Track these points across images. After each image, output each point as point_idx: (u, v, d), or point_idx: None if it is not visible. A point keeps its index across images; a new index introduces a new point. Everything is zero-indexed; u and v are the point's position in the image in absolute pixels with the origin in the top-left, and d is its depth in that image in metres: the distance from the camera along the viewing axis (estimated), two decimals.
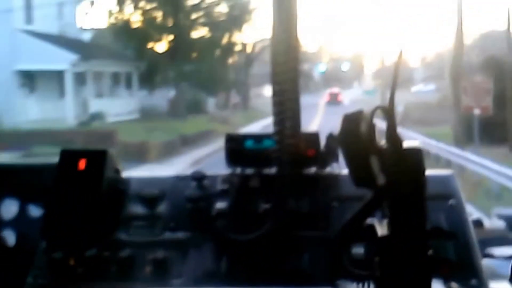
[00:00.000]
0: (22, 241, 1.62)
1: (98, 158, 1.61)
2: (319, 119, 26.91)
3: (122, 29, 30.99)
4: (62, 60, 24.82)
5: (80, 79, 27.01)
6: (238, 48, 37.35)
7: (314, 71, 51.14)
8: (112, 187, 1.62)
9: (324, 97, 46.62)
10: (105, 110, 26.74)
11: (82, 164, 1.60)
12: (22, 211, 1.65)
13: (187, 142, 22.27)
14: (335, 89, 48.44)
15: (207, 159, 18.55)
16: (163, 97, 32.11)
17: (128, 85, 32.00)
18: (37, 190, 1.64)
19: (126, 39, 31.12)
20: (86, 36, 33.06)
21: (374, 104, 1.23)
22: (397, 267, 1.20)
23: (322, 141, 1.63)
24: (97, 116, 26.02)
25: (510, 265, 1.49)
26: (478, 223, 1.65)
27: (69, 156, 1.62)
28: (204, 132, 24.50)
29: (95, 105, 27.04)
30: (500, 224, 1.82)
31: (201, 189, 1.63)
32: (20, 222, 1.64)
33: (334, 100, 45.18)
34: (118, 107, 28.34)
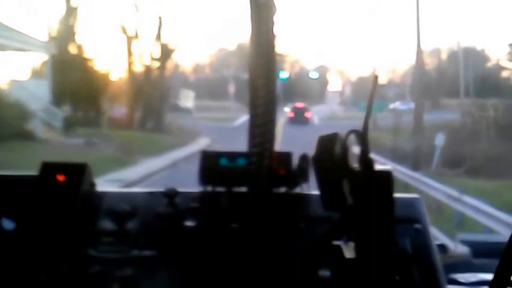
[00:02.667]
0: None
1: (77, 172, 1.62)
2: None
3: None
4: None
5: None
6: None
7: None
8: (87, 202, 1.62)
9: (286, 113, 34.32)
10: None
11: (61, 177, 1.61)
12: None
13: None
14: (300, 103, 36.22)
15: None
16: None
17: None
18: (13, 202, 1.63)
19: None
20: None
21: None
22: None
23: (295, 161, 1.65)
24: None
25: None
26: (442, 248, 1.69)
27: (49, 169, 1.63)
28: None
29: None
30: (464, 249, 1.85)
31: (172, 206, 1.64)
32: None
33: (300, 117, 33.07)
34: None
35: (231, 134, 20.82)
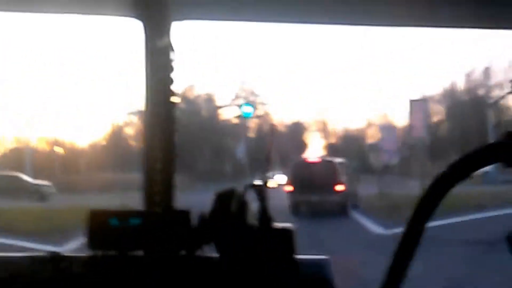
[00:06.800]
0: None
1: None
2: None
3: None
4: None
5: None
6: None
7: None
8: None
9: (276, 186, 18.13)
10: None
11: None
12: None
13: None
14: (314, 157, 17.96)
15: None
16: None
17: None
18: None
19: None
20: None
21: None
22: None
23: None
24: None
25: None
26: None
27: None
28: None
29: None
30: None
31: (58, 272, 1.49)
32: None
33: (320, 195, 14.67)
34: None
35: None
